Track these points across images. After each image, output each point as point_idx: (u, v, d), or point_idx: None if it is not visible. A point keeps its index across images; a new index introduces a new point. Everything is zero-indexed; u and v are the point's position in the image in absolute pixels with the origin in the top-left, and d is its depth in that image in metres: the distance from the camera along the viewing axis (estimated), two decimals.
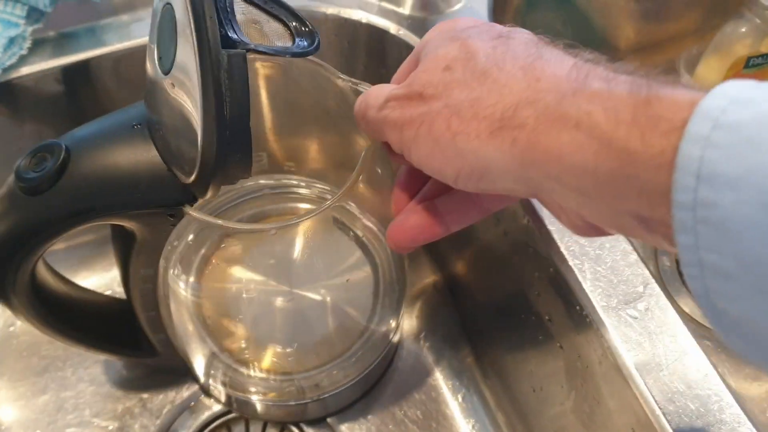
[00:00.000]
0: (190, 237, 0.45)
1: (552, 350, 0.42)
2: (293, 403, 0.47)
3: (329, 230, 0.48)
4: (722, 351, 0.53)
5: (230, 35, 0.29)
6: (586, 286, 0.38)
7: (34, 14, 0.47)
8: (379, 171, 0.39)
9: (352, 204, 0.48)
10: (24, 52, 0.47)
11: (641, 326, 0.36)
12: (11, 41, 0.46)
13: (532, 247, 0.41)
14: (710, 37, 0.65)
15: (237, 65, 0.28)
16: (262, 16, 0.33)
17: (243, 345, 0.46)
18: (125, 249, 0.38)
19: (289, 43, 0.33)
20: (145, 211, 0.34)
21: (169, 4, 0.30)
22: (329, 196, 0.50)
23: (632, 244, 0.40)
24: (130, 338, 0.45)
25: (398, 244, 0.34)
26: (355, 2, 0.52)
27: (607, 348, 0.36)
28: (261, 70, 0.43)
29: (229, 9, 0.30)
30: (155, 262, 0.38)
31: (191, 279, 0.45)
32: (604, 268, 0.38)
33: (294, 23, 0.33)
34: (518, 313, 0.46)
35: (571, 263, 0.38)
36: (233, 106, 0.28)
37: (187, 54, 0.28)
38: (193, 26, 0.28)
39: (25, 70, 0.47)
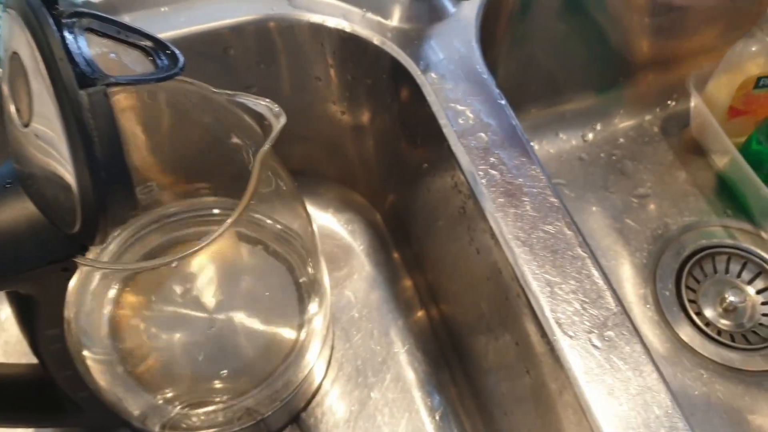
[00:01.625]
0: (93, 284, 0.44)
1: (520, 375, 0.42)
2: (239, 428, 0.47)
3: (235, 246, 0.48)
4: (718, 378, 0.57)
5: (86, 73, 0.28)
6: (549, 312, 0.38)
7: None
8: (270, 174, 0.39)
9: (254, 214, 0.48)
10: None
11: (604, 357, 0.36)
12: None
13: (501, 269, 0.41)
14: (723, 55, 0.66)
15: (99, 103, 0.27)
16: (118, 47, 0.32)
17: (173, 384, 0.46)
18: (25, 312, 0.37)
19: (151, 68, 0.32)
20: (35, 272, 0.33)
21: (15, 53, 0.29)
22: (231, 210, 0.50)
23: (601, 270, 0.39)
24: (50, 403, 0.43)
25: None
26: (339, 12, 0.51)
27: (566, 378, 0.36)
28: (124, 101, 0.42)
29: (80, 46, 0.29)
30: (60, 320, 0.37)
31: (103, 327, 0.44)
32: (570, 295, 0.38)
33: (154, 48, 0.32)
34: (493, 334, 0.46)
35: (535, 288, 0.38)
36: (104, 146, 0.28)
37: (44, 101, 0.28)
38: (44, 72, 0.27)
39: None
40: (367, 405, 0.55)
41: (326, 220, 0.66)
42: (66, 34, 0.29)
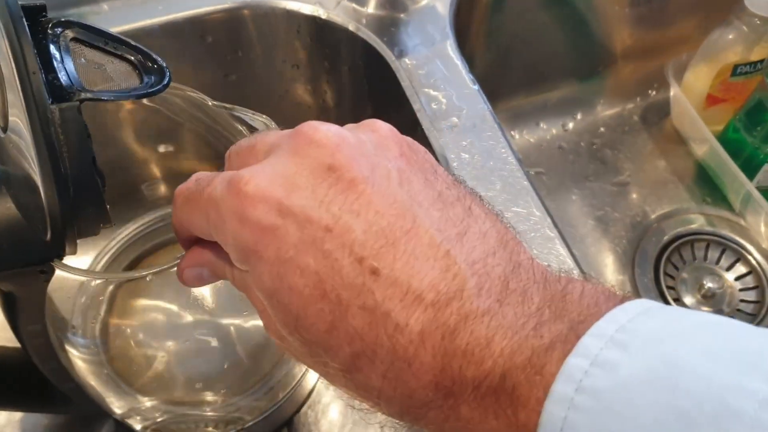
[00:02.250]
0: (92, 282, 0.45)
1: None
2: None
3: None
4: None
5: (64, 85, 0.28)
6: None
7: None
8: None
9: None
10: None
11: None
12: None
13: None
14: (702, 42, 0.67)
15: (71, 119, 0.27)
16: (105, 58, 0.32)
17: (161, 388, 0.46)
18: (7, 305, 0.37)
19: (137, 83, 0.32)
20: (12, 272, 0.32)
21: None
22: None
23: (569, 250, 0.40)
24: (38, 390, 0.43)
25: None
26: None
27: None
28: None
29: (62, 56, 0.29)
30: (40, 317, 0.37)
31: (96, 327, 0.44)
32: None
33: (141, 60, 0.32)
34: None
35: None
36: (73, 161, 0.27)
37: (18, 113, 0.28)
38: (17, 83, 0.27)
39: None
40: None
41: None
42: (50, 44, 0.29)
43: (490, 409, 0.22)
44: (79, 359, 0.41)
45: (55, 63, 0.28)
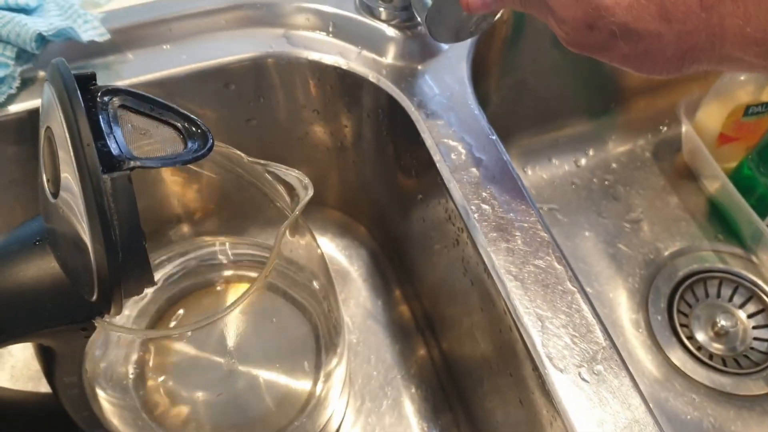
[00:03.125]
0: (115, 338, 0.45)
1: (513, 405, 0.44)
2: None
3: (258, 299, 0.49)
4: (709, 403, 0.59)
5: (113, 154, 0.29)
6: (540, 347, 0.38)
7: (24, 55, 0.48)
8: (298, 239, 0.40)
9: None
10: (13, 91, 0.48)
11: (594, 390, 0.37)
12: (1, 81, 0.47)
13: (494, 302, 0.42)
14: (713, 81, 0.68)
15: (122, 187, 0.28)
16: (150, 124, 0.33)
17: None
18: (46, 358, 0.38)
19: (181, 148, 0.33)
20: (54, 329, 0.34)
21: (49, 127, 0.30)
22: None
23: (590, 305, 0.40)
24: None
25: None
26: (336, 49, 0.53)
27: (557, 410, 0.37)
28: None
29: (111, 124, 0.30)
30: (77, 370, 0.38)
31: (128, 375, 0.45)
32: (561, 329, 0.39)
33: (185, 125, 0.34)
34: (487, 364, 0.47)
35: (526, 322, 0.39)
36: (122, 229, 0.29)
37: (70, 179, 0.29)
38: (72, 155, 0.28)
39: (12, 108, 0.48)
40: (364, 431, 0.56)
41: (324, 246, 0.67)
42: (100, 113, 0.30)
43: None
44: (111, 405, 0.42)
45: (104, 132, 0.30)
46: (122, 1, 0.53)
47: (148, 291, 0.49)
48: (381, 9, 0.52)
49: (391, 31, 0.52)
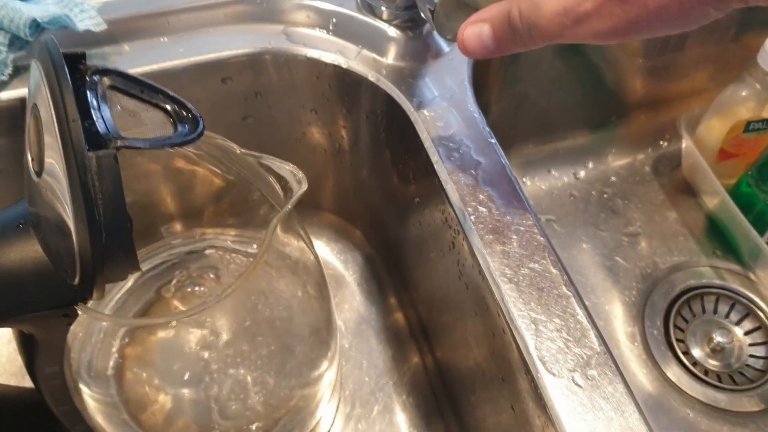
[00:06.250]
0: (104, 324, 0.44)
1: (505, 410, 0.43)
2: None
3: (245, 295, 0.48)
4: (703, 419, 0.58)
5: (100, 132, 0.28)
6: (534, 350, 0.38)
7: (17, 42, 0.47)
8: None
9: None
10: (4, 78, 0.47)
11: (587, 396, 0.36)
12: None
13: (488, 305, 0.42)
14: (714, 97, 0.68)
15: (107, 166, 0.28)
16: (140, 106, 0.32)
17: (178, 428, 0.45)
18: (27, 346, 0.37)
19: (170, 131, 0.32)
20: (36, 314, 0.33)
21: (36, 105, 0.30)
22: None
23: (585, 309, 0.40)
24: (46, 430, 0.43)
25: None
26: (335, 47, 0.52)
27: (549, 416, 0.36)
28: None
29: (99, 103, 0.29)
30: (59, 359, 0.37)
31: (109, 370, 0.44)
32: (555, 333, 0.38)
33: (175, 109, 0.33)
34: (480, 369, 0.47)
35: (520, 325, 0.39)
36: (107, 209, 0.28)
37: (54, 157, 0.28)
38: (57, 131, 0.27)
39: (3, 96, 0.47)
40: None
41: (319, 249, 0.67)
42: (88, 91, 0.29)
43: None
44: (93, 401, 0.41)
45: (92, 110, 0.29)
46: None
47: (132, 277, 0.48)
48: (383, 8, 0.52)
49: (392, 31, 0.52)
